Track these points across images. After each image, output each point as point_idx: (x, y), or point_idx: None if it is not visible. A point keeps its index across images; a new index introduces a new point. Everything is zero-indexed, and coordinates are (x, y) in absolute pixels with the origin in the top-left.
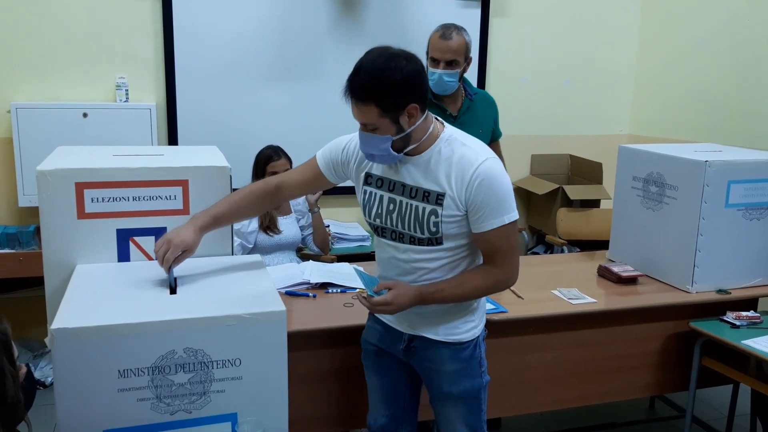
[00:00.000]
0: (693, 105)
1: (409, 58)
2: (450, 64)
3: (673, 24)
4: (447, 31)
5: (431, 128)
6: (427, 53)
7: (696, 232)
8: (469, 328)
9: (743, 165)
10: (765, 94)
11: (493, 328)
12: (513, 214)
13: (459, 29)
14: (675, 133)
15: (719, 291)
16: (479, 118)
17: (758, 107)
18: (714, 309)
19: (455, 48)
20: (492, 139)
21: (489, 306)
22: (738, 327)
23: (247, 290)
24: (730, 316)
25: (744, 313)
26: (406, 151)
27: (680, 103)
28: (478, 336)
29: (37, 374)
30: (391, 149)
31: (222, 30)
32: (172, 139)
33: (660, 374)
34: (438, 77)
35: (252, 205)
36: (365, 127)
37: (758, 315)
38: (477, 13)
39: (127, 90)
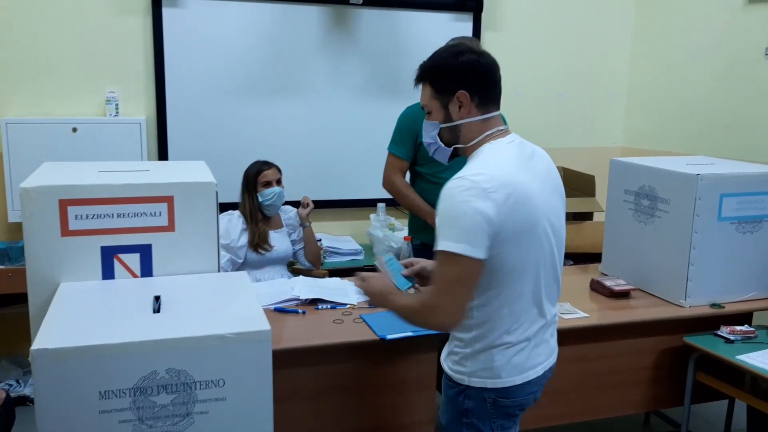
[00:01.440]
0: (685, 117)
1: (477, 52)
2: None
3: (664, 37)
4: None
5: (486, 133)
6: None
7: (689, 245)
8: (456, 367)
9: (735, 178)
10: (757, 105)
11: None
12: (448, 243)
13: (473, 39)
14: (668, 145)
15: (713, 305)
16: None
17: (750, 119)
18: (708, 323)
19: None
20: None
21: None
22: (732, 342)
23: (231, 309)
24: (724, 331)
25: (738, 328)
26: (457, 149)
27: (673, 116)
28: (466, 386)
29: (26, 391)
30: (438, 138)
31: (212, 44)
32: (162, 154)
33: (654, 389)
34: None
35: None
36: (425, 112)
37: (753, 329)
38: (469, 26)
39: (117, 104)
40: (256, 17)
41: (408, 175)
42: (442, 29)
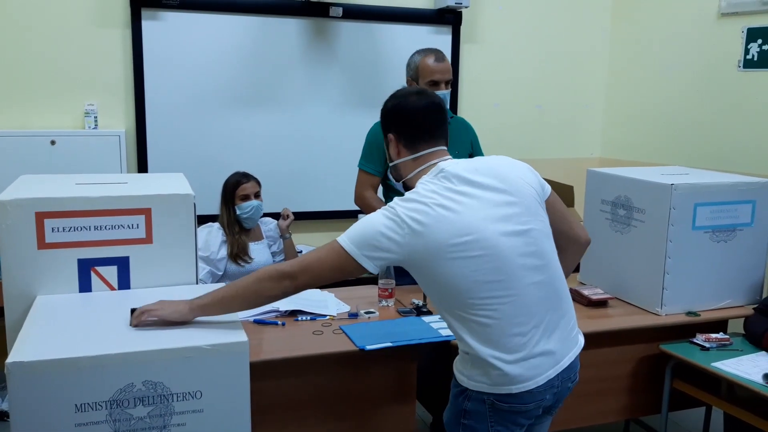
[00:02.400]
0: (662, 128)
1: (408, 93)
2: (448, 83)
3: (641, 50)
4: (438, 53)
5: (419, 169)
6: (416, 78)
7: (664, 254)
8: (460, 367)
9: (709, 188)
10: (731, 116)
11: None
12: (343, 236)
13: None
14: (645, 155)
15: (689, 313)
16: (455, 142)
17: (724, 129)
18: (684, 331)
19: (450, 67)
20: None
21: None
22: (708, 349)
23: (209, 320)
24: (699, 338)
25: (713, 335)
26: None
27: (650, 127)
28: (466, 389)
29: (3, 406)
30: (389, 174)
31: (192, 56)
32: (142, 166)
33: (632, 397)
34: (444, 97)
35: None
36: None
37: (728, 337)
38: (448, 39)
39: (96, 117)
40: (235, 29)
41: (381, 188)
42: (421, 42)
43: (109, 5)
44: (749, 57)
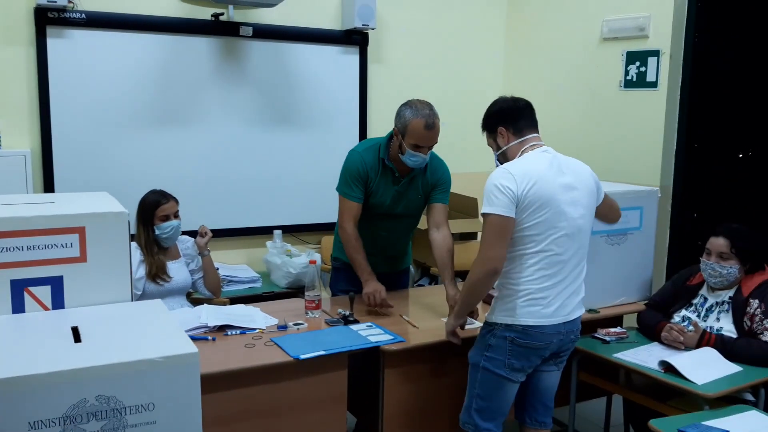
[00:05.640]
0: (554, 143)
1: (511, 99)
2: (431, 147)
3: (532, 72)
4: (429, 120)
5: (524, 148)
6: (403, 133)
7: None
8: (490, 311)
9: None
10: (615, 132)
11: (394, 358)
12: (486, 207)
13: (436, 115)
14: None
15: (590, 310)
16: (420, 185)
17: (610, 145)
18: (587, 327)
19: (437, 134)
20: (433, 204)
21: (387, 336)
22: (608, 342)
23: (155, 334)
24: (600, 333)
25: (612, 330)
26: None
27: (544, 142)
28: (493, 324)
29: None
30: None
31: (101, 75)
32: (48, 187)
33: None
34: (421, 160)
35: None
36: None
37: (624, 330)
38: (356, 59)
39: None
40: (145, 48)
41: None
42: (330, 62)
43: (13, 22)
44: (629, 78)
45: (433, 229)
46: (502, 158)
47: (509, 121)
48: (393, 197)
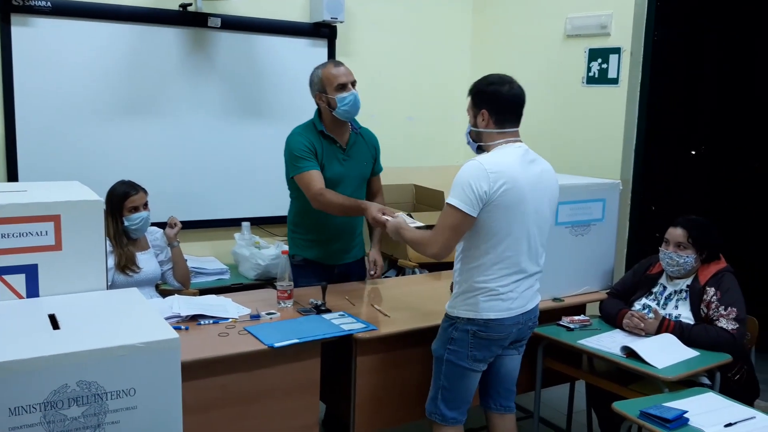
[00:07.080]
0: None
1: (502, 83)
2: (354, 83)
3: (499, 68)
4: (334, 60)
5: (502, 140)
6: (324, 88)
7: None
8: (451, 304)
9: (569, 188)
10: (578, 127)
11: (366, 346)
12: (452, 199)
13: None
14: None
15: (555, 299)
16: (364, 151)
17: (574, 140)
18: (551, 315)
19: (349, 70)
20: (372, 173)
21: (359, 325)
22: (572, 330)
23: (134, 321)
24: (565, 321)
25: (576, 318)
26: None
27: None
28: (455, 318)
29: None
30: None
31: (67, 64)
32: (12, 176)
33: None
34: (354, 97)
35: None
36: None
37: (588, 318)
38: (324, 52)
39: None
40: (112, 37)
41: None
42: (299, 54)
43: None
44: (591, 74)
45: (370, 197)
46: (474, 135)
47: (496, 109)
48: (343, 163)
